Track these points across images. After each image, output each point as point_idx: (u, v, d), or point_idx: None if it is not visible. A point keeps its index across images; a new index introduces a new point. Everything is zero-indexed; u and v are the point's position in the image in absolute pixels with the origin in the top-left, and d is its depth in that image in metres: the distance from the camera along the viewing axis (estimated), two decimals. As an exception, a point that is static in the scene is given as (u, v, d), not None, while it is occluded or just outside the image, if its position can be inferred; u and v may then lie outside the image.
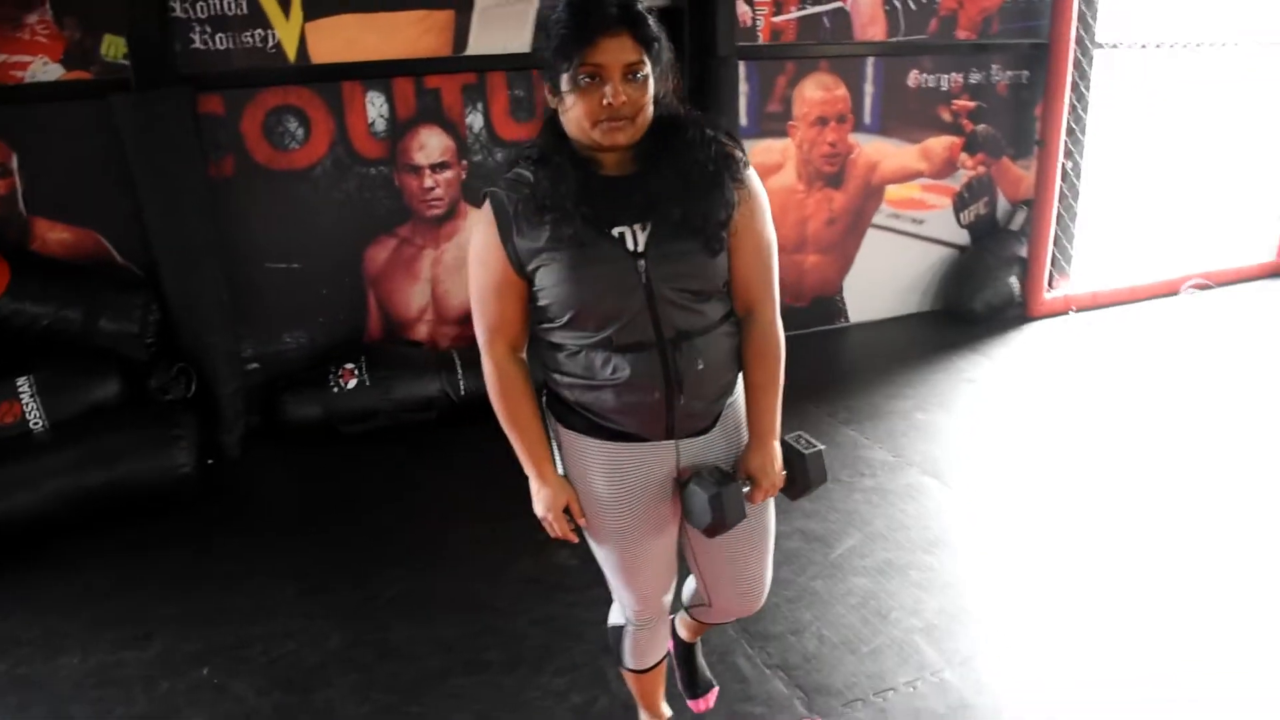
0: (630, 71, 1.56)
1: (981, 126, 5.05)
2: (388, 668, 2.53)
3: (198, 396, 3.57)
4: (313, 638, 2.66)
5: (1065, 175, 5.01)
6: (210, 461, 3.50)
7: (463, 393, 3.93)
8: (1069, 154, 4.97)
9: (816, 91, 4.65)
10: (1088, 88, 4.95)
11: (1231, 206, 5.70)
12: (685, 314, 1.68)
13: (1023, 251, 5.12)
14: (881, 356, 4.71)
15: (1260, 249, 5.72)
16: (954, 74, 4.91)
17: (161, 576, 2.98)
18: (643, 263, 1.65)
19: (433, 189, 4.06)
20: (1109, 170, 5.25)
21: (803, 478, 1.84)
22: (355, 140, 3.89)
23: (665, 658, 2.15)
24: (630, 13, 1.57)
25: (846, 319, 5.11)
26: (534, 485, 1.81)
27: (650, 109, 1.63)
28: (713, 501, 1.71)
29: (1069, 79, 4.80)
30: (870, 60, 4.71)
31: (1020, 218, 5.20)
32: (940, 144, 5.01)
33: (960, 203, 5.16)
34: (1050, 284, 5.13)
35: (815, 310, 5.00)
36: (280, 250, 3.90)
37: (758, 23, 4.39)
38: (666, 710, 2.27)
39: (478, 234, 1.72)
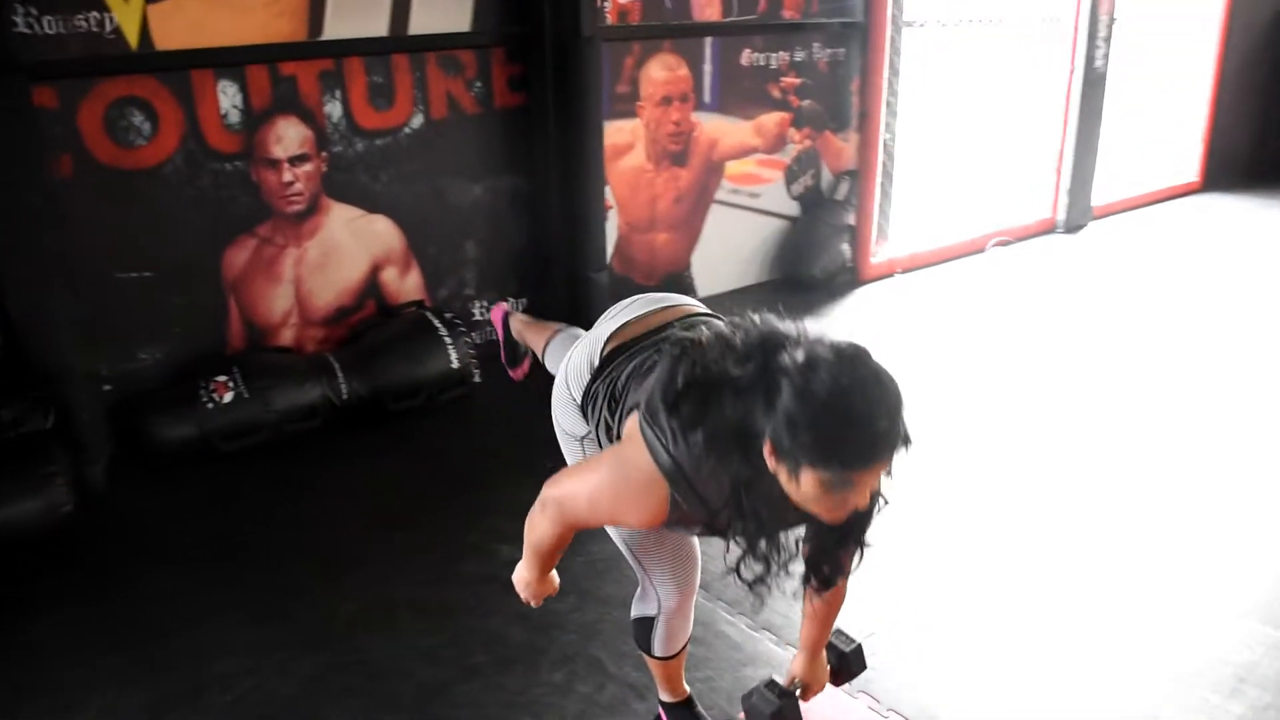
0: None
1: (807, 102, 5.32)
2: (383, 687, 2.39)
3: (57, 426, 3.18)
4: (279, 668, 2.46)
5: (884, 146, 5.38)
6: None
7: (345, 396, 3.73)
8: (886, 126, 5.34)
9: (661, 72, 4.73)
10: (900, 63, 5.32)
11: (1019, 169, 6.33)
12: None
13: (850, 219, 5.45)
14: None
15: (1040, 207, 6.41)
16: (781, 53, 5.14)
17: (75, 633, 2.64)
18: None
19: (292, 183, 3.80)
20: (920, 140, 5.68)
21: (846, 671, 2.10)
22: (208, 134, 3.57)
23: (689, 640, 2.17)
24: (900, 438, 1.40)
25: (696, 294, 5.24)
26: (525, 576, 1.90)
27: None
28: (774, 716, 1.97)
29: (886, 56, 5.15)
30: (708, 41, 4.84)
31: (844, 188, 5.52)
32: (771, 120, 5.23)
33: (790, 176, 5.42)
34: (876, 248, 5.51)
35: (666, 288, 5.09)
36: (129, 258, 3.52)
37: (605, 3, 4.41)
38: (686, 688, 2.29)
39: (638, 506, 1.62)
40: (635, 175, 4.78)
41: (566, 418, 1.97)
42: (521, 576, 1.92)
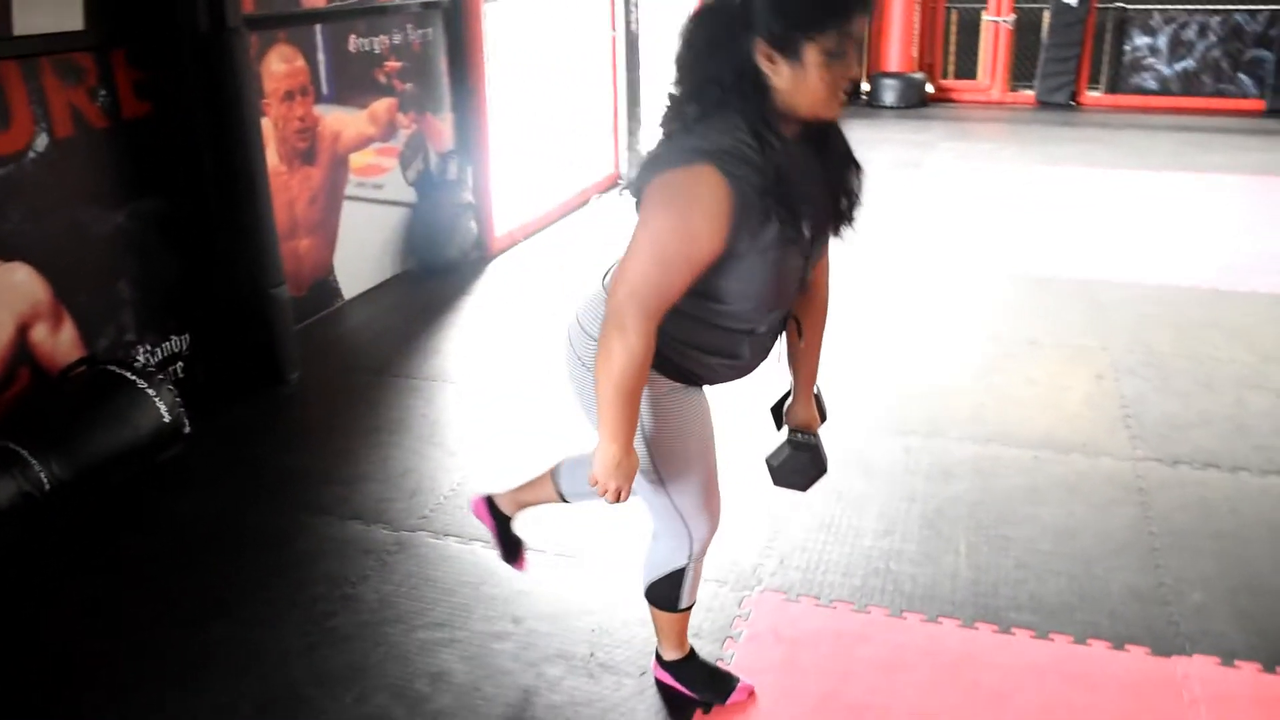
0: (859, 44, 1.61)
1: (409, 85, 5.23)
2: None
3: None
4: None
5: (488, 121, 5.48)
6: None
7: (48, 487, 3.03)
8: (489, 101, 5.45)
9: (280, 65, 4.35)
10: (489, 39, 5.44)
11: (591, 131, 6.80)
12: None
13: (469, 197, 5.49)
14: (383, 327, 4.73)
15: (606, 163, 6.98)
16: (382, 36, 4.98)
17: None
18: (808, 257, 1.78)
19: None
20: (516, 110, 5.86)
21: (822, 413, 2.09)
22: None
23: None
24: None
25: (342, 297, 4.95)
26: (610, 455, 1.78)
27: None
28: (816, 456, 1.98)
29: (479, 32, 5.24)
30: (317, 28, 4.55)
31: (453, 167, 5.53)
32: (382, 106, 5.07)
33: (404, 161, 5.31)
34: (499, 221, 5.63)
35: (314, 297, 4.75)
36: None
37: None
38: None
39: (700, 208, 1.60)
40: (271, 179, 4.36)
41: None
42: (608, 460, 1.77)
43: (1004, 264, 5.47)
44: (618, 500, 1.85)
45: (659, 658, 2.35)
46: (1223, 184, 7.17)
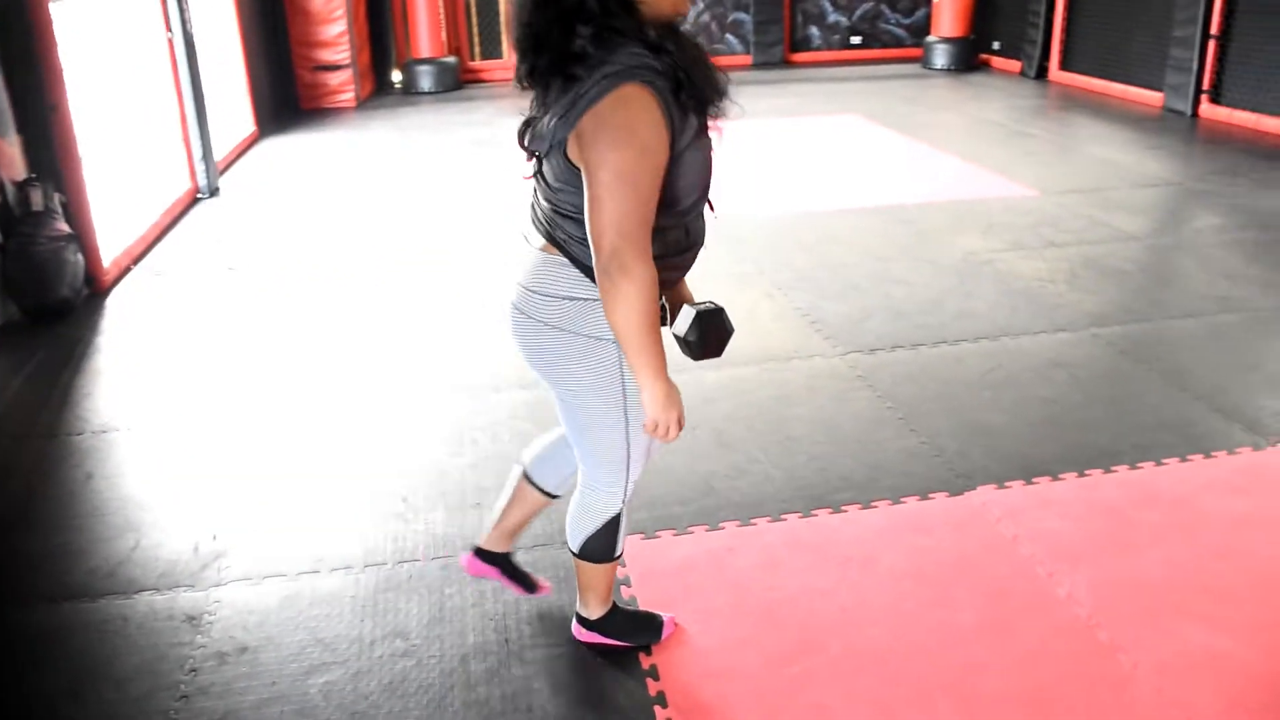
0: None
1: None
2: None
3: None
4: None
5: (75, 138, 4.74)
6: None
7: None
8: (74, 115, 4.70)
9: None
10: (57, 44, 4.67)
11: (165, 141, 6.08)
12: None
13: (65, 227, 4.72)
14: (8, 389, 4.02)
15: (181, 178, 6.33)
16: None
17: None
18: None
19: None
20: (98, 125, 5.09)
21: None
22: None
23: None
24: None
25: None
26: (660, 391, 1.83)
27: None
28: (722, 315, 1.92)
29: (52, 38, 4.49)
30: None
31: (36, 196, 4.71)
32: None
33: (-21, 196, 4.42)
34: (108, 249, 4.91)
35: None
36: None
37: None
38: (611, 593, 2.39)
39: (643, 125, 1.69)
40: None
41: (584, 332, 1.90)
42: (660, 397, 1.81)
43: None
44: (677, 434, 1.88)
45: (582, 620, 2.36)
46: (763, 127, 8.29)
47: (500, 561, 2.47)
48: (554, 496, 2.37)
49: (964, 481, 3.02)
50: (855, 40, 12.20)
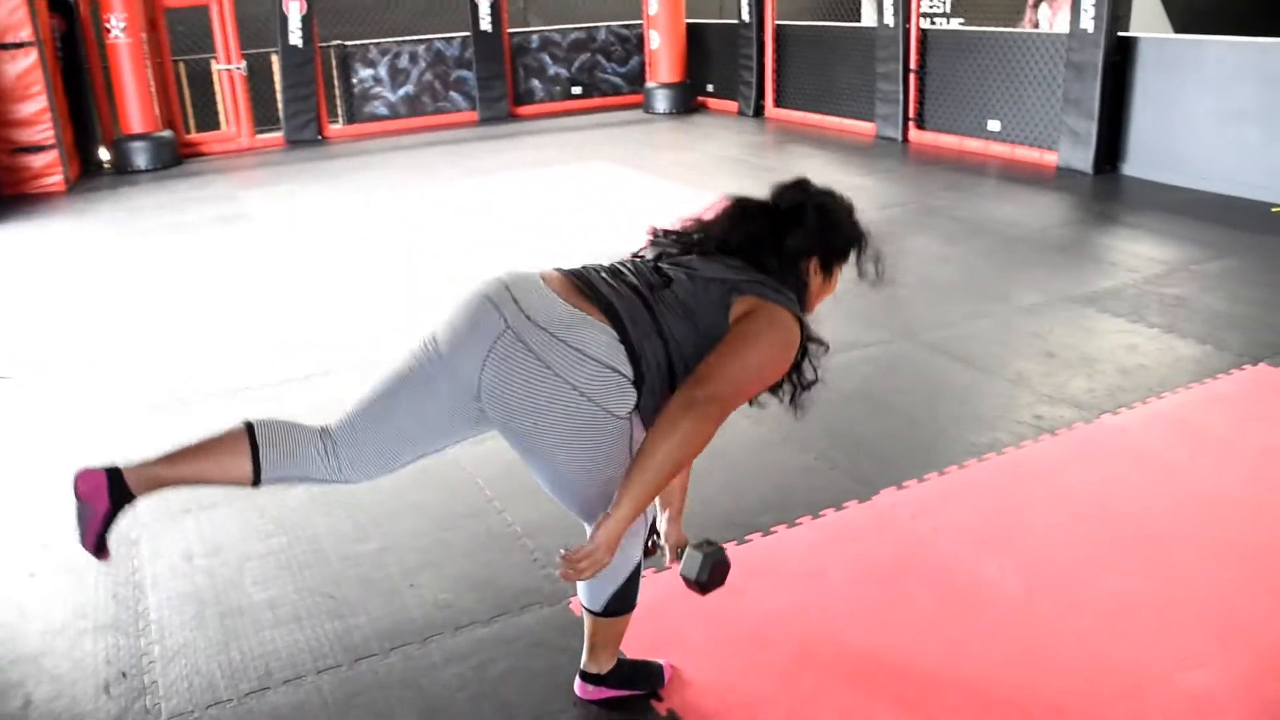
0: None
1: None
2: None
3: None
4: None
5: None
6: None
7: None
8: None
9: None
10: None
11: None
12: None
13: None
14: None
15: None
16: None
17: None
18: None
19: None
20: None
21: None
22: None
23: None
24: None
25: None
26: (624, 527, 1.86)
27: None
28: (722, 554, 2.17)
29: None
30: None
31: None
32: None
33: None
34: None
35: None
36: None
37: None
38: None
39: (790, 350, 1.99)
40: None
41: (607, 406, 1.93)
42: (622, 529, 1.84)
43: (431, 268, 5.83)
44: (591, 575, 1.89)
45: (589, 677, 2.35)
46: (520, 180, 8.40)
47: (121, 501, 2.02)
48: (256, 486, 2.06)
49: (867, 488, 3.27)
50: (576, 90, 12.63)
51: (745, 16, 11.06)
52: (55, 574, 3.04)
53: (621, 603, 2.19)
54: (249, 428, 2.05)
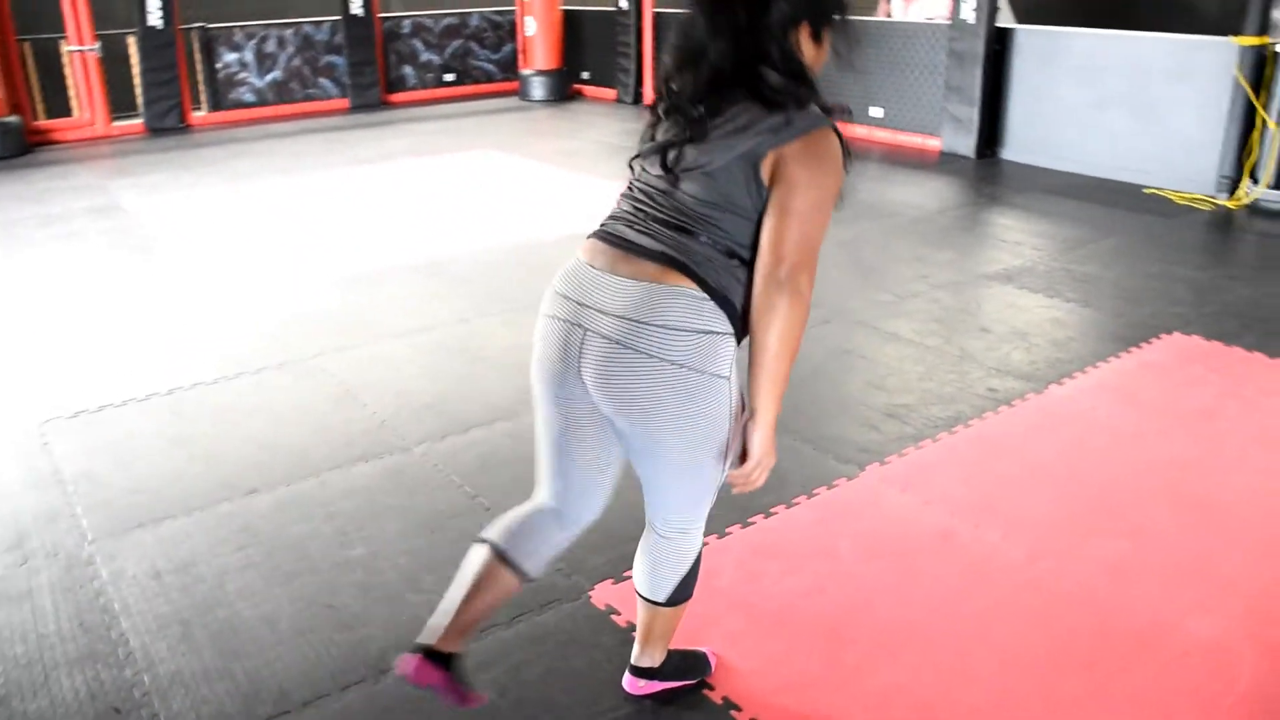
0: None
1: None
2: None
3: None
4: None
5: None
6: None
7: None
8: None
9: None
10: None
11: None
12: None
13: None
14: None
15: None
16: None
17: None
18: None
19: None
20: None
21: None
22: None
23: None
24: None
25: None
26: (774, 420, 1.87)
27: None
28: None
29: None
30: None
31: None
32: None
33: None
34: None
35: None
36: None
37: None
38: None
39: (840, 167, 1.81)
40: None
41: (707, 369, 1.84)
42: (772, 425, 1.86)
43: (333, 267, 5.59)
44: (761, 481, 1.93)
45: (641, 672, 2.32)
46: (401, 169, 8.15)
47: (449, 663, 2.02)
48: (530, 580, 2.09)
49: (852, 467, 3.34)
50: (449, 78, 12.34)
51: (623, 4, 11.05)
52: (2, 605, 2.77)
53: (684, 590, 2.17)
54: (491, 546, 2.06)
